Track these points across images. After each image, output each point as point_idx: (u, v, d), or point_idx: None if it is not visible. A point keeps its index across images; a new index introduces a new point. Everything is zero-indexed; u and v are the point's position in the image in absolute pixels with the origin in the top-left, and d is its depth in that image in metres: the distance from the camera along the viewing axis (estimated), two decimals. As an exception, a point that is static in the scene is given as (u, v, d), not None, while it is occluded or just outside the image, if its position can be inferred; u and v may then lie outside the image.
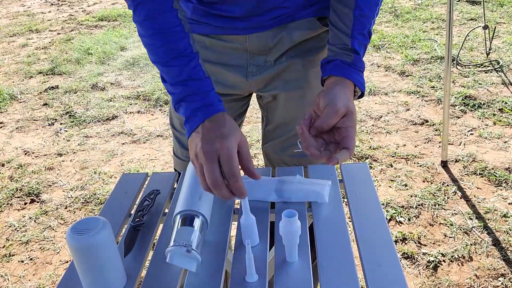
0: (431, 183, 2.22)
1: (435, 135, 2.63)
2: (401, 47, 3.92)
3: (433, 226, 1.96)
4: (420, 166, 2.36)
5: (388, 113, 2.91)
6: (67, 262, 1.95)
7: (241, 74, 1.06)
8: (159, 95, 3.42)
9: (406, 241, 1.89)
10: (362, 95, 0.92)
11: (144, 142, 2.83)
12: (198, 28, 1.03)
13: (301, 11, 1.00)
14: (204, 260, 0.80)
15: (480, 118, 2.74)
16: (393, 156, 2.46)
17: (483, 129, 2.62)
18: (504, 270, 1.71)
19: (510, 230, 1.89)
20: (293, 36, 1.01)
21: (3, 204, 2.37)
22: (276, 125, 1.15)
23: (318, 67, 1.03)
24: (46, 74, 4.09)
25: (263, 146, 1.20)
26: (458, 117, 2.77)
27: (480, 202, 2.06)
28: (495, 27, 3.83)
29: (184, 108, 0.83)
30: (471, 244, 1.84)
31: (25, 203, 2.37)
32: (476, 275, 1.70)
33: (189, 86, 0.83)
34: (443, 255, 1.80)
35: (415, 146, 2.54)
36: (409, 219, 2.00)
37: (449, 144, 2.50)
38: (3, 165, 2.73)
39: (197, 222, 0.80)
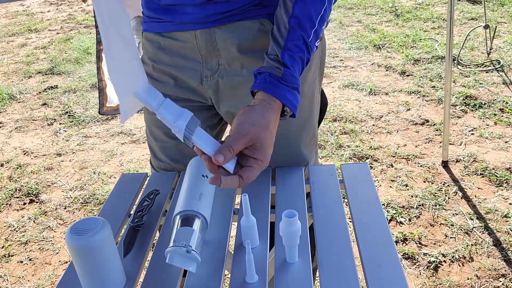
0: (432, 183, 2.22)
1: (435, 135, 2.63)
2: (401, 46, 3.91)
3: (433, 226, 1.95)
4: (421, 166, 2.36)
5: (388, 113, 2.91)
6: (67, 262, 1.95)
7: (196, 79, 1.02)
8: (159, 95, 3.41)
9: (407, 242, 1.88)
10: (293, 116, 0.85)
11: (143, 142, 2.83)
12: (152, 27, 1.02)
13: (252, 10, 0.94)
14: (204, 260, 0.79)
15: (481, 118, 2.73)
16: (393, 156, 2.46)
17: (484, 129, 2.62)
18: (505, 270, 1.70)
19: (511, 230, 1.88)
20: (242, 36, 0.95)
21: (2, 204, 2.36)
22: None
23: None
24: (45, 74, 4.09)
25: None
26: (459, 117, 2.77)
27: (481, 203, 2.05)
28: (496, 26, 3.82)
29: None
30: (472, 245, 1.83)
31: (24, 203, 2.36)
32: (477, 276, 1.70)
33: None
34: (443, 255, 1.80)
35: (416, 146, 2.54)
36: (409, 220, 2.00)
37: (450, 144, 2.49)
38: (2, 165, 2.72)
39: (197, 223, 0.79)
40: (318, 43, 0.86)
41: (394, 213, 2.03)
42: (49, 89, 3.73)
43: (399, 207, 2.07)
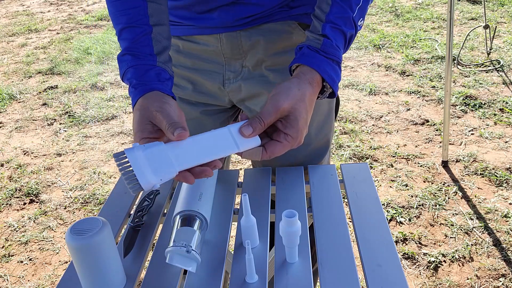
0: (432, 183, 2.22)
1: (435, 135, 2.63)
2: (401, 46, 3.91)
3: (433, 226, 1.95)
4: (421, 166, 2.36)
5: (388, 113, 2.91)
6: (67, 262, 1.95)
7: (218, 82, 1.00)
8: (159, 95, 3.41)
9: (407, 242, 1.88)
10: (333, 94, 0.80)
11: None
12: (171, 30, 0.99)
13: (278, 12, 0.92)
14: (204, 260, 0.79)
15: (481, 118, 2.73)
16: (393, 156, 2.46)
17: (484, 129, 2.62)
18: (505, 270, 1.71)
19: (511, 230, 1.88)
20: (268, 39, 0.93)
21: (2, 204, 2.37)
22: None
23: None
24: (45, 74, 4.09)
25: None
26: (459, 117, 2.77)
27: (480, 202, 2.05)
28: (496, 26, 3.82)
29: (126, 82, 0.82)
30: (471, 245, 1.83)
31: (24, 203, 2.36)
32: (476, 276, 1.70)
33: (131, 60, 0.81)
34: (443, 255, 1.80)
35: (416, 146, 2.54)
36: (409, 219, 2.00)
37: (450, 144, 2.49)
38: (2, 165, 2.72)
39: (197, 223, 0.79)
40: (361, 23, 0.82)
41: (394, 213, 2.03)
42: (49, 89, 3.73)
43: (399, 207, 2.07)
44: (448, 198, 2.11)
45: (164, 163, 0.67)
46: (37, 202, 2.36)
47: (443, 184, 2.20)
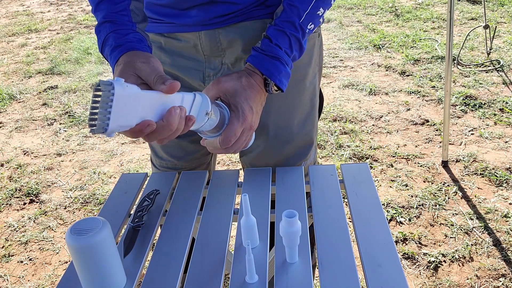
0: (432, 183, 2.22)
1: (435, 135, 2.63)
2: (401, 46, 3.91)
3: (433, 226, 1.95)
4: (421, 166, 2.36)
5: (388, 113, 2.91)
6: (67, 262, 1.95)
7: (198, 79, 1.02)
8: (159, 95, 3.41)
9: (407, 242, 1.88)
10: (280, 89, 0.87)
11: (143, 142, 2.83)
12: (154, 27, 1.01)
13: (254, 10, 0.94)
14: (204, 260, 0.80)
15: (480, 118, 2.73)
16: (393, 156, 2.46)
17: (483, 129, 2.62)
18: (505, 270, 1.71)
19: (510, 230, 1.88)
20: (246, 37, 0.95)
21: (2, 204, 2.37)
22: None
23: None
24: (45, 74, 4.09)
25: (240, 157, 1.14)
26: (459, 117, 2.77)
27: (480, 202, 2.05)
28: (496, 26, 3.82)
29: (106, 49, 0.85)
30: (471, 245, 1.83)
31: (24, 203, 2.36)
32: (476, 276, 1.70)
33: (110, 27, 0.84)
34: (443, 255, 1.80)
35: (416, 146, 2.54)
36: (409, 219, 2.00)
37: (450, 144, 2.49)
38: (2, 165, 2.72)
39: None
40: (312, 27, 0.88)
41: (394, 213, 2.03)
42: (49, 89, 3.73)
43: (399, 207, 2.07)
44: (448, 198, 2.11)
45: (129, 113, 0.62)
46: (37, 202, 2.36)
47: (443, 184, 2.20)
